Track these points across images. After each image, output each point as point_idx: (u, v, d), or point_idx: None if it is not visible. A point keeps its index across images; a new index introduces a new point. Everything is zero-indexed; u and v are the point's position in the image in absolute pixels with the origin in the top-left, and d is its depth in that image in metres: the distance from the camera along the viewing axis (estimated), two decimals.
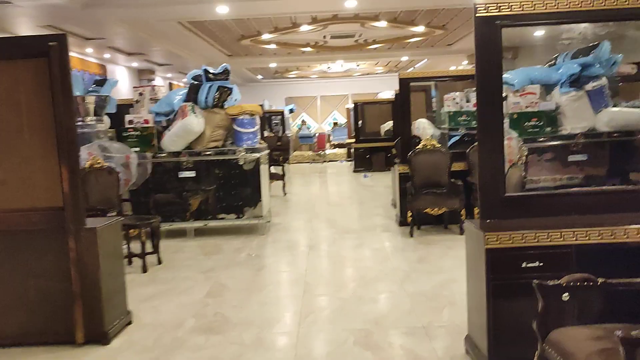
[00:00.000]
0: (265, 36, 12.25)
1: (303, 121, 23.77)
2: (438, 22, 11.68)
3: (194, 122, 7.01)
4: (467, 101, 9.22)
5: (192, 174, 7.19)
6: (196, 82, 7.45)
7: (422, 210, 6.67)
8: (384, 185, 11.99)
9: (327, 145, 21.20)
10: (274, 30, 11.96)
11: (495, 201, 3.30)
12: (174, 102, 7.30)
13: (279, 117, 20.63)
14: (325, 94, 24.31)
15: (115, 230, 4.11)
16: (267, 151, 8.06)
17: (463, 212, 6.60)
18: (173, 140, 7.13)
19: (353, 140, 18.19)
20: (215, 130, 7.23)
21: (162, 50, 13.36)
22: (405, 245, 6.36)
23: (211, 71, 7.37)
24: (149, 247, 5.86)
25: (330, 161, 19.32)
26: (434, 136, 9.25)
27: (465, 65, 18.38)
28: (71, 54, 13.03)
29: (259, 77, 22.32)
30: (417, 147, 7.05)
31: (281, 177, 11.11)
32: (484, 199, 3.31)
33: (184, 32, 11.54)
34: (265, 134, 20.34)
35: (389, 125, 16.18)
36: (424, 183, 6.95)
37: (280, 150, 19.41)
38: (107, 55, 13.34)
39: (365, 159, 15.22)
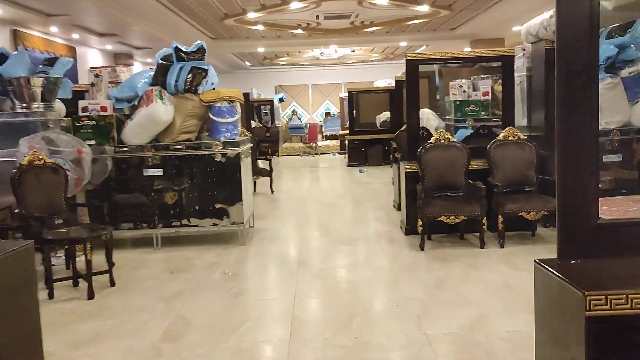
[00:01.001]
0: (251, 15, 11.00)
1: (294, 111, 22.56)
2: (444, 1, 10.50)
3: (160, 110, 5.81)
4: (474, 89, 8.22)
5: (159, 171, 6.00)
6: (165, 63, 6.24)
7: (435, 218, 5.53)
8: (382, 182, 10.86)
9: (319, 136, 20.02)
10: (261, 9, 10.72)
11: (582, 232, 2.15)
12: (138, 86, 6.09)
13: (268, 106, 19.44)
14: (318, 82, 23.09)
15: (24, 257, 2.92)
16: (250, 145, 6.89)
17: (484, 221, 5.47)
18: (136, 132, 5.93)
19: (347, 131, 17.08)
20: (187, 120, 6.04)
21: (139, 31, 12.07)
22: (416, 262, 5.22)
23: (183, 49, 6.16)
24: (101, 263, 4.68)
25: (322, 154, 18.16)
26: (438, 128, 8.16)
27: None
28: (33, 32, 11.86)
29: (247, 63, 21.05)
30: (429, 141, 5.91)
31: (268, 172, 9.93)
32: (567, 230, 2.16)
33: (162, 10, 10.29)
34: (253, 124, 19.16)
35: (385, 116, 15.06)
36: (437, 185, 5.82)
37: (269, 142, 18.23)
38: (75, 36, 12.02)
39: (361, 152, 14.08)
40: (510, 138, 5.89)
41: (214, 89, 6.31)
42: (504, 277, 4.57)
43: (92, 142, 5.89)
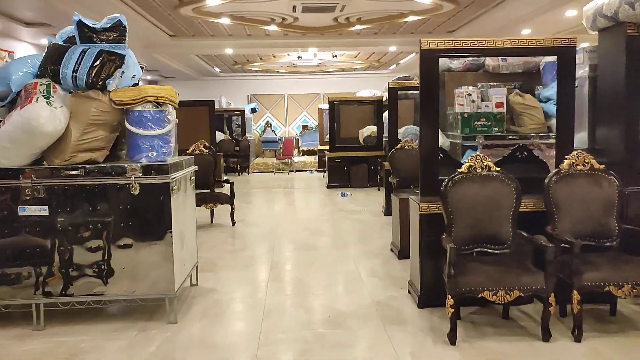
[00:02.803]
0: (212, 2, 8.91)
1: (267, 123, 20.49)
2: None
3: (42, 115, 3.69)
4: (483, 100, 6.39)
5: (42, 210, 3.86)
6: (61, 45, 4.14)
7: (475, 293, 3.49)
8: (370, 210, 8.84)
9: (295, 151, 17.99)
10: None
11: None
12: (14, 78, 3.96)
13: (238, 117, 17.35)
14: (294, 92, 21.08)
15: None
16: (193, 169, 4.79)
17: (553, 300, 3.45)
18: (4, 148, 3.80)
19: (326, 147, 15.08)
20: (90, 131, 3.92)
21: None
22: None
23: (90, 24, 4.06)
24: None
25: (298, 171, 16.11)
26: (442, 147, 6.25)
27: None
28: None
29: (216, 69, 18.94)
30: (458, 170, 3.91)
31: (229, 199, 7.81)
32: None
33: None
34: (221, 137, 17.02)
35: (369, 130, 13.15)
36: (472, 236, 3.82)
37: (238, 157, 16.15)
38: None
39: (343, 171, 12.08)
40: (579, 167, 3.92)
41: (136, 84, 4.22)
42: None
43: None
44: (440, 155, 5.25)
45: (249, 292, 4.83)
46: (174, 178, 3.98)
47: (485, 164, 3.89)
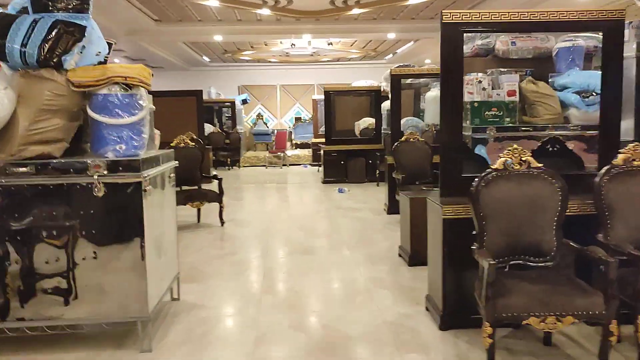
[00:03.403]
0: None
1: (259, 115, 19.73)
2: None
3: None
4: (494, 88, 5.78)
5: None
6: (7, 13, 3.42)
7: (518, 320, 2.83)
8: (370, 208, 8.19)
9: (288, 144, 17.28)
10: None
11: None
12: None
13: (229, 109, 16.60)
14: (287, 83, 20.32)
15: None
16: (172, 165, 4.08)
17: (615, 328, 2.79)
18: None
19: (320, 139, 14.42)
20: (43, 119, 3.21)
21: None
22: None
23: None
24: None
25: (291, 165, 15.42)
26: None
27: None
28: None
29: (205, 58, 18.15)
30: (492, 166, 3.24)
31: (217, 197, 7.11)
32: None
33: None
34: (210, 129, 16.26)
35: (366, 122, 12.49)
36: (508, 246, 3.15)
37: (228, 151, 15.41)
38: None
39: (339, 166, 11.40)
40: (636, 163, 3.26)
41: (103, 62, 3.50)
42: None
43: None
44: (464, 145, 4.62)
45: (239, 307, 4.15)
46: (147, 176, 3.27)
47: (524, 158, 3.22)
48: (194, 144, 7.32)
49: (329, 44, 13.43)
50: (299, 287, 4.56)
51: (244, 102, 18.04)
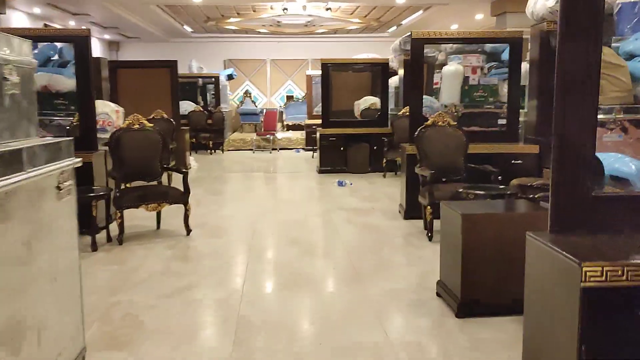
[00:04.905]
0: None
1: (246, 92, 17.81)
2: None
3: None
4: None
5: None
6: None
7: None
8: (380, 208, 6.50)
9: (279, 126, 15.46)
10: None
11: None
12: None
13: (212, 85, 14.69)
14: (278, 57, 18.39)
15: None
16: (65, 165, 2.28)
17: None
18: None
19: (315, 121, 12.63)
20: None
21: None
22: None
23: None
24: None
25: (282, 149, 13.63)
26: None
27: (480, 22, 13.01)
28: None
29: (187, 28, 16.18)
30: None
31: (181, 197, 5.31)
32: None
33: None
34: (190, 107, 14.34)
35: (368, 102, 10.74)
36: None
37: (210, 133, 13.55)
38: None
39: (339, 152, 9.63)
40: None
41: None
42: None
43: None
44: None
45: None
46: None
47: None
48: (151, 126, 5.51)
49: (327, 9, 11.55)
50: (296, 354, 2.82)
51: (230, 77, 16.14)
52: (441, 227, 3.63)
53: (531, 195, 3.77)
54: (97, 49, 16.49)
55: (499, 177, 5.17)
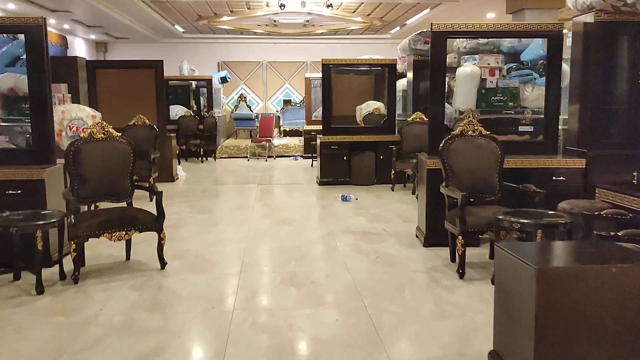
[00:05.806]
0: None
1: (241, 96, 16.81)
2: None
3: None
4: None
5: None
6: None
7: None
8: (392, 230, 5.53)
9: (275, 132, 14.48)
10: None
11: None
12: None
13: (204, 88, 13.70)
14: (275, 59, 17.40)
15: None
16: None
17: None
18: None
19: (314, 127, 11.71)
20: None
21: None
22: None
23: None
24: None
25: (279, 157, 12.67)
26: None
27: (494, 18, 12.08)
28: None
29: (178, 28, 15.21)
30: None
31: (153, 223, 4.31)
32: None
33: None
34: (180, 112, 13.32)
35: (371, 107, 9.81)
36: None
37: (202, 139, 12.54)
38: None
39: (341, 162, 8.67)
40: None
41: None
42: None
43: None
44: None
45: None
46: None
47: None
48: (119, 135, 4.53)
49: (328, 6, 10.58)
50: None
51: (224, 80, 15.17)
52: (496, 279, 2.65)
53: (612, 233, 2.79)
54: (82, 50, 15.51)
55: (537, 199, 4.22)
